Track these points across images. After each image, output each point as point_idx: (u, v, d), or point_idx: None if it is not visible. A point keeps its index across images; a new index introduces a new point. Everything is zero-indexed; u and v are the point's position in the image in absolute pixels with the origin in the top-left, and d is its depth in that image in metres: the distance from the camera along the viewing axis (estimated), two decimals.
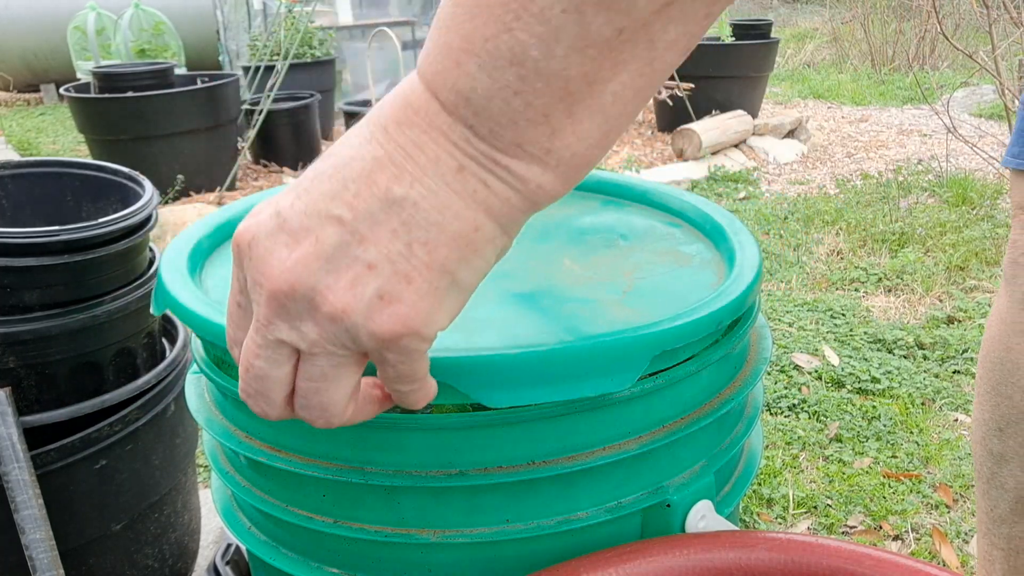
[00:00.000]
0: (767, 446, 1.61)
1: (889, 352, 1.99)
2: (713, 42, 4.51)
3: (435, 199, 0.34)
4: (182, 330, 1.21)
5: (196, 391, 0.69)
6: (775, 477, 1.52)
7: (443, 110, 0.33)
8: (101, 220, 0.99)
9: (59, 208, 1.18)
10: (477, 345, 0.53)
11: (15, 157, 4.23)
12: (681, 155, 3.91)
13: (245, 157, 3.74)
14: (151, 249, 1.17)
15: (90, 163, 1.19)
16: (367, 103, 3.78)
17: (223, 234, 0.76)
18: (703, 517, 0.59)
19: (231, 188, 3.57)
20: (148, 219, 1.07)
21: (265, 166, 3.93)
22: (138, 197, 1.11)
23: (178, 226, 3.19)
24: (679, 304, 0.62)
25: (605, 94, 0.32)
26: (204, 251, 0.72)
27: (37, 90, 6.69)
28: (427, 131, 0.33)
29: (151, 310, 0.66)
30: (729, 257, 0.70)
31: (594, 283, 0.67)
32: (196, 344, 0.66)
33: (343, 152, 0.35)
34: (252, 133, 3.58)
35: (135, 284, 1.07)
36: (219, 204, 3.40)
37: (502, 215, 0.35)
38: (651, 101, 4.55)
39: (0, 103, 6.71)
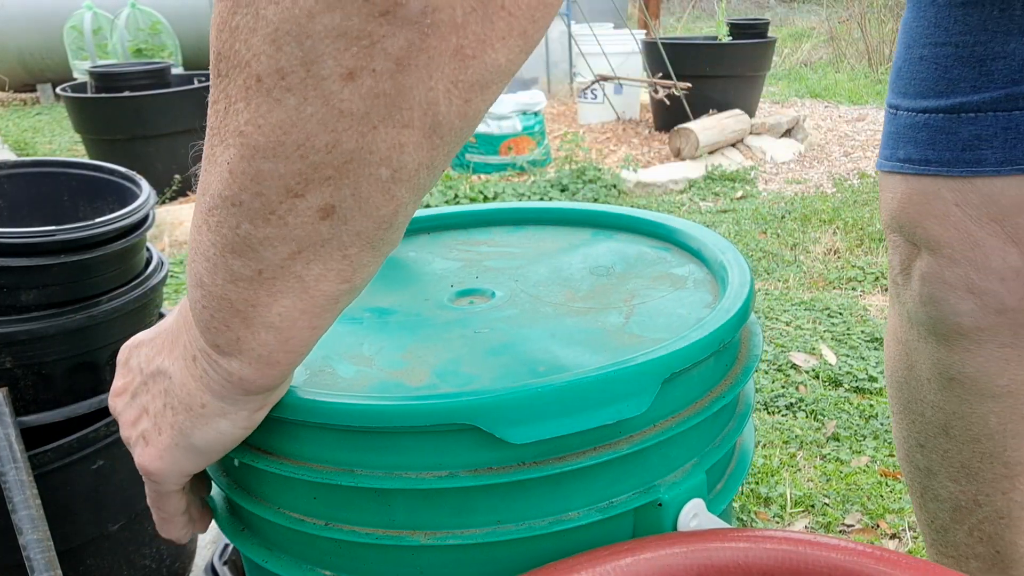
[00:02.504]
0: (764, 445, 1.62)
1: None
2: (710, 41, 4.52)
3: (180, 377, 0.45)
4: None
5: None
6: (772, 476, 1.52)
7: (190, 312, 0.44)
8: (98, 220, 0.99)
9: (56, 208, 1.18)
10: (494, 384, 0.55)
11: (12, 157, 4.23)
12: (678, 154, 3.91)
13: None
14: (148, 249, 1.17)
15: (87, 163, 1.20)
16: None
17: None
18: (695, 516, 0.59)
19: None
20: (145, 219, 1.07)
21: None
22: (135, 197, 1.11)
23: (175, 226, 3.19)
24: (681, 325, 0.65)
25: (271, 315, 0.40)
26: None
27: (33, 90, 6.69)
28: (184, 325, 0.45)
29: None
30: (721, 276, 0.72)
31: (596, 312, 0.70)
32: None
33: (170, 326, 0.48)
34: None
35: (132, 284, 1.07)
36: None
37: (225, 396, 0.45)
38: (648, 100, 4.56)
39: None
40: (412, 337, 0.68)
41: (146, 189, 1.12)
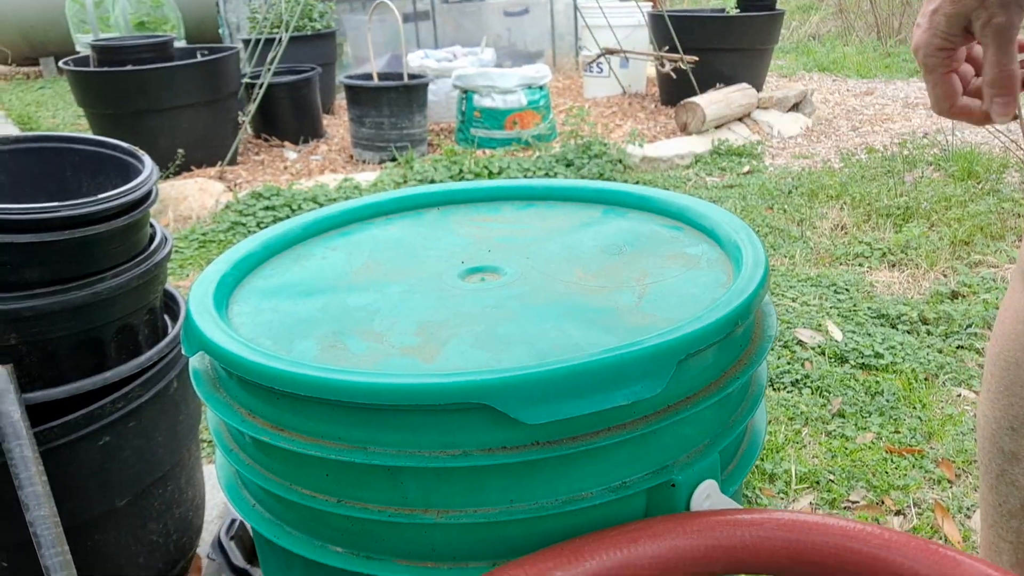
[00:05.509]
0: (770, 421, 1.61)
1: (893, 327, 1.99)
2: (718, 14, 4.46)
3: None
4: (183, 307, 1.21)
5: (201, 369, 0.68)
6: (777, 452, 1.52)
7: None
8: (101, 196, 0.98)
9: (59, 183, 1.17)
10: (507, 363, 0.55)
11: (15, 131, 4.20)
12: (684, 129, 3.88)
13: (246, 131, 3.71)
14: (152, 225, 1.16)
15: (90, 138, 1.18)
16: (368, 76, 3.75)
17: (245, 268, 0.80)
18: (708, 496, 0.59)
19: (232, 162, 3.55)
20: (148, 195, 1.06)
21: (266, 140, 3.91)
22: (138, 172, 1.10)
23: (179, 201, 3.18)
24: (695, 306, 0.64)
25: None
26: (229, 286, 0.76)
27: (36, 63, 6.64)
28: None
29: (183, 351, 0.68)
30: (735, 256, 0.71)
31: (608, 292, 0.69)
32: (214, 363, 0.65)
33: None
34: (252, 107, 3.56)
35: (136, 260, 1.06)
36: (220, 178, 3.39)
37: None
38: (655, 74, 4.52)
39: None
40: (423, 314, 0.68)
41: (149, 165, 1.11)
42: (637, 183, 3.32)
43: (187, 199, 3.18)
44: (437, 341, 0.63)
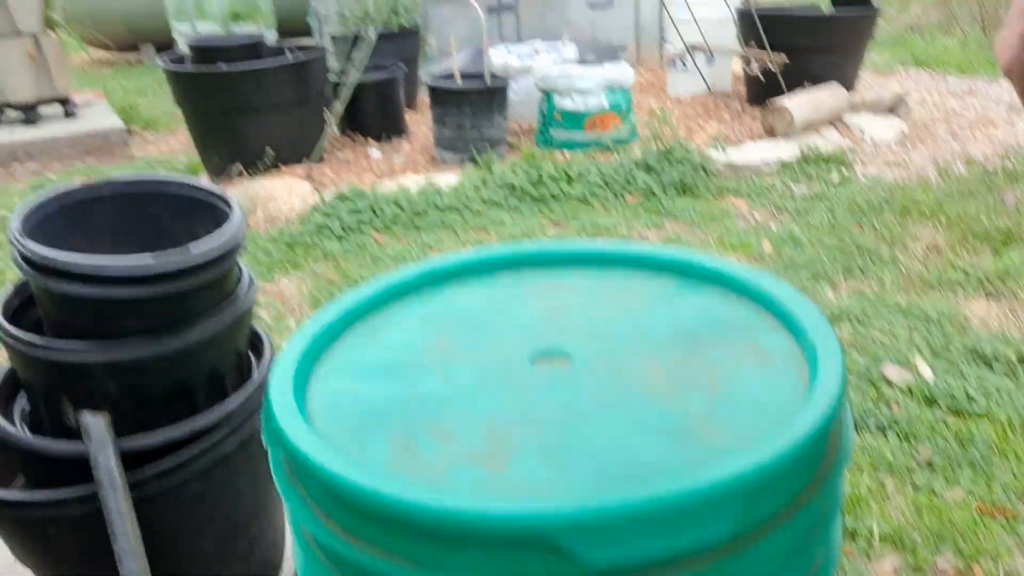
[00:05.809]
0: (852, 469, 1.57)
1: (988, 367, 1.89)
2: (811, 13, 4.30)
3: None
4: (268, 346, 1.25)
5: (277, 462, 0.71)
6: (859, 505, 1.48)
7: None
8: (194, 252, 1.02)
9: (155, 227, 1.21)
10: (573, 484, 0.57)
11: (118, 123, 4.40)
12: (771, 132, 3.77)
13: (332, 129, 3.79)
14: (239, 267, 1.20)
15: (182, 181, 1.23)
16: (451, 75, 3.77)
17: (324, 342, 0.83)
18: None
19: (319, 160, 3.64)
20: (237, 246, 1.10)
21: (351, 138, 3.98)
22: (225, 216, 1.14)
23: (267, 200, 3.27)
24: (769, 421, 0.64)
25: None
26: (309, 363, 0.79)
27: (136, 49, 6.92)
28: None
29: (263, 441, 0.72)
30: (810, 353, 0.70)
31: (680, 393, 0.70)
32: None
33: None
34: (339, 107, 3.62)
35: (224, 305, 1.10)
36: (307, 177, 3.47)
37: None
38: (741, 73, 4.40)
39: (103, 63, 6.98)
40: (493, 411, 0.69)
41: (237, 211, 1.15)
42: (721, 192, 3.23)
43: (276, 199, 3.27)
44: (505, 447, 0.64)
